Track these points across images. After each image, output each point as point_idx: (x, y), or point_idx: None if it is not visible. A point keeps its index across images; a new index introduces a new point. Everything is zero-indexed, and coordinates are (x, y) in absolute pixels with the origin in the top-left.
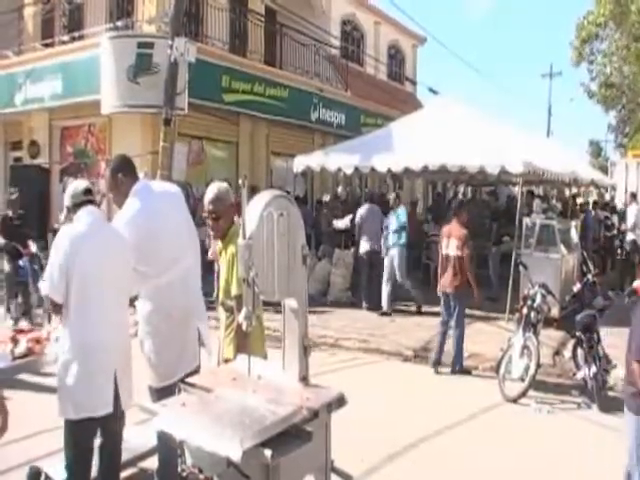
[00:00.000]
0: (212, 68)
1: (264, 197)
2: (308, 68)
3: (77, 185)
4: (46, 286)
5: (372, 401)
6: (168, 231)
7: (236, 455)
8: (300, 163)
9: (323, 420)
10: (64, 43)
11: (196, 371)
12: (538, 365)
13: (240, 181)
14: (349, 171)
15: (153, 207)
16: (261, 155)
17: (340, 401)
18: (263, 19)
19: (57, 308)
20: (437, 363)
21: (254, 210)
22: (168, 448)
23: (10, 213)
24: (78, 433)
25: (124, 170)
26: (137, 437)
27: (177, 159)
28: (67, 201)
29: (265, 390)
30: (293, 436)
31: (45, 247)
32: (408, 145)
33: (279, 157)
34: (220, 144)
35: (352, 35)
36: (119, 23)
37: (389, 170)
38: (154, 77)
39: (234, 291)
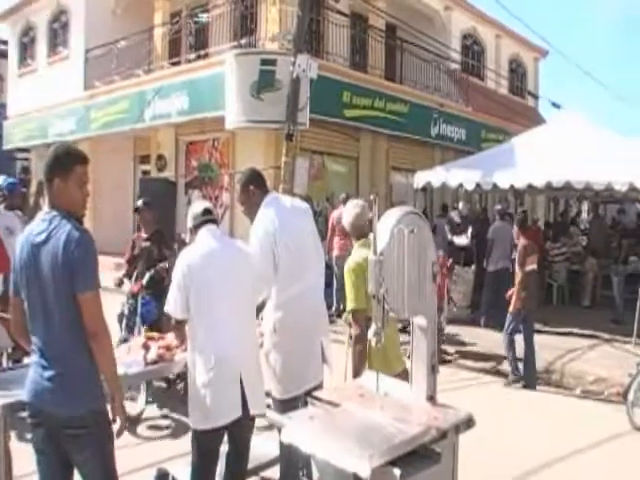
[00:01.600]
0: (333, 84)
1: (395, 213)
2: (428, 83)
3: (196, 207)
4: (168, 305)
5: (493, 423)
6: (298, 243)
7: (365, 472)
8: (421, 179)
9: (451, 441)
10: (190, 61)
11: (319, 386)
12: None
13: (372, 197)
14: (470, 187)
15: (285, 219)
16: (381, 170)
17: (468, 422)
18: (383, 35)
19: (180, 325)
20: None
21: (385, 226)
22: (290, 460)
23: (143, 233)
24: (204, 440)
25: (255, 183)
26: (259, 446)
27: (299, 173)
28: (189, 223)
29: (392, 408)
30: (421, 456)
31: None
32: (531, 161)
33: (399, 172)
34: (340, 159)
35: (472, 49)
36: (243, 41)
37: (511, 186)
38: (277, 93)
39: (349, 306)
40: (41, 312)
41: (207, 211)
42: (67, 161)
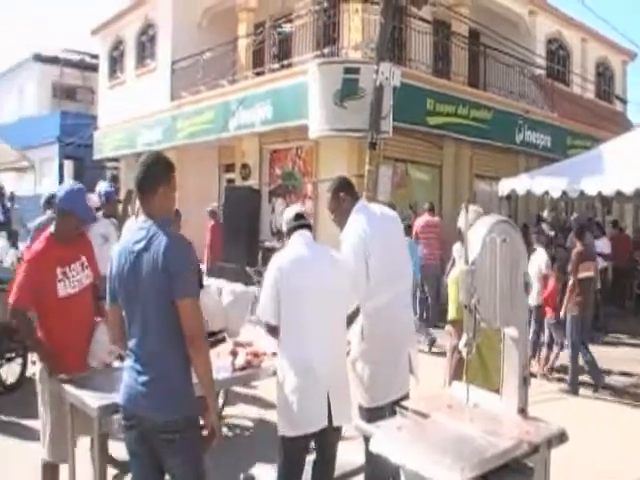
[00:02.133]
0: (416, 91)
1: (486, 222)
2: (512, 89)
3: (288, 212)
4: (259, 310)
5: (584, 437)
6: (388, 251)
7: None
8: (505, 186)
9: (543, 456)
10: (273, 71)
11: (405, 397)
12: None
13: (463, 205)
14: (556, 194)
15: (376, 226)
16: (464, 178)
17: (561, 437)
18: (466, 41)
19: (272, 330)
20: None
21: (477, 235)
22: (376, 469)
23: None
24: (292, 447)
25: (345, 190)
26: (344, 454)
27: (382, 181)
28: (283, 227)
29: (482, 420)
30: (513, 470)
31: (255, 263)
32: (619, 167)
33: (483, 180)
34: (423, 167)
35: (558, 54)
36: (326, 50)
37: (599, 193)
38: (360, 101)
39: (449, 316)
40: (139, 317)
41: (299, 216)
42: (167, 170)
